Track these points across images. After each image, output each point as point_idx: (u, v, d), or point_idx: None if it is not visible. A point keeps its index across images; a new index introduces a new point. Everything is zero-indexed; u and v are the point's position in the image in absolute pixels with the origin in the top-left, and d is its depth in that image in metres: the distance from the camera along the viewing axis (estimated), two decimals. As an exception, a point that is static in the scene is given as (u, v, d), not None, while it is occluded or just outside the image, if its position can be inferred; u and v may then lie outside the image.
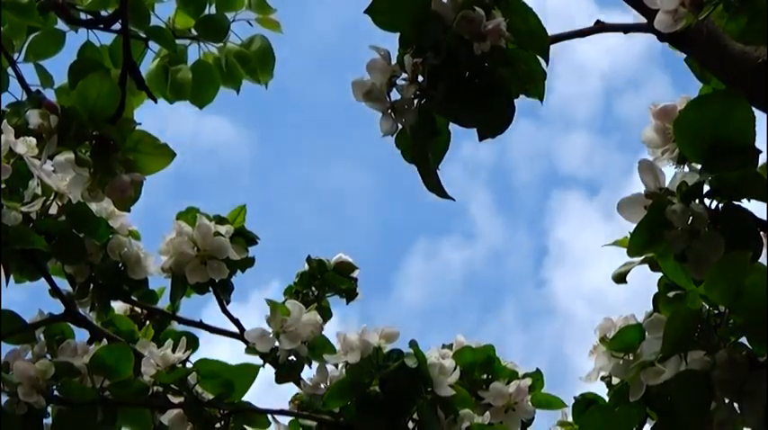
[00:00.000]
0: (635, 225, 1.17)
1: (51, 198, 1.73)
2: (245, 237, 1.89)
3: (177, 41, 2.45)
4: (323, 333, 1.79)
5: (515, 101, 1.21)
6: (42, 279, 1.80)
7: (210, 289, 1.88)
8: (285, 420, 1.74)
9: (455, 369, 1.60)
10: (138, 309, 2.00)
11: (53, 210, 1.74)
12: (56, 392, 1.63)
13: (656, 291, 1.36)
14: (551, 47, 1.20)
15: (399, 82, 1.20)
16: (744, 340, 1.15)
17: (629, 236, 1.18)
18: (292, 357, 1.77)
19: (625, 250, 1.20)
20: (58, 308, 1.83)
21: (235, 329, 1.90)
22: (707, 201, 1.16)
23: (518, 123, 1.18)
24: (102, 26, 2.36)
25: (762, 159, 1.18)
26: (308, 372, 1.76)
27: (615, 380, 1.42)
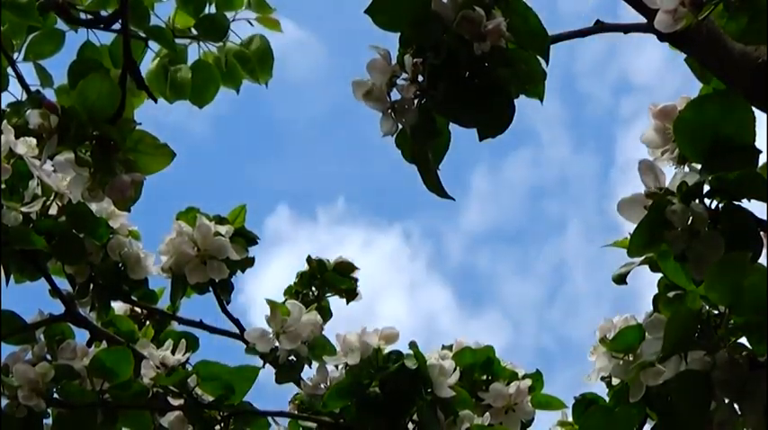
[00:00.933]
0: (635, 225, 1.17)
1: (51, 198, 1.73)
2: (245, 237, 1.89)
3: (177, 41, 2.45)
4: (323, 333, 1.79)
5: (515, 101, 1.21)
6: (42, 279, 1.80)
7: (210, 289, 1.88)
8: (285, 421, 1.74)
9: (455, 370, 1.59)
10: (138, 309, 2.00)
11: (53, 211, 1.74)
12: (56, 395, 1.63)
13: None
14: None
15: (399, 82, 1.20)
16: (744, 340, 1.15)
17: (629, 236, 1.18)
18: (292, 357, 1.77)
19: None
20: (58, 308, 1.84)
21: (235, 329, 1.91)
22: (707, 201, 1.16)
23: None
24: (101, 26, 2.35)
25: (762, 159, 1.18)
26: (308, 372, 1.76)
27: (615, 381, 1.42)
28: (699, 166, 1.18)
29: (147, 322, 2.00)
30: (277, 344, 1.76)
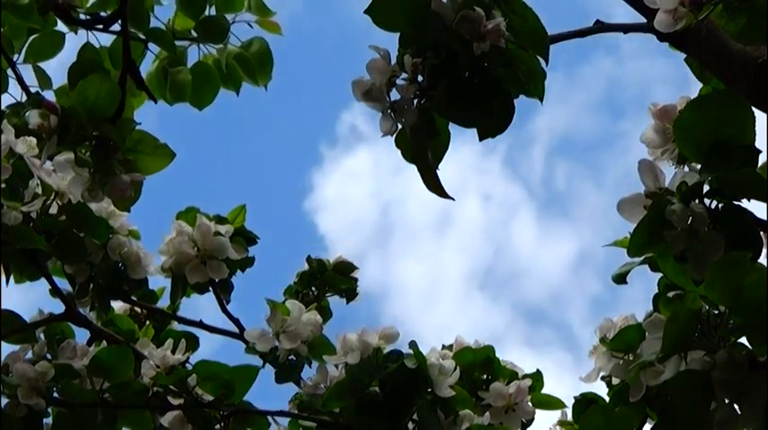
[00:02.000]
0: (635, 225, 1.17)
1: (51, 198, 1.73)
2: (244, 237, 1.89)
3: (177, 43, 2.44)
4: (323, 333, 1.79)
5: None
6: (42, 279, 1.80)
7: (210, 289, 1.88)
8: (285, 421, 1.74)
9: (455, 369, 1.59)
10: (138, 309, 2.00)
11: (53, 210, 1.74)
12: (56, 394, 1.63)
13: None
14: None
15: (399, 82, 1.20)
16: (744, 340, 1.15)
17: (629, 236, 1.18)
18: (292, 357, 1.77)
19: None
20: (58, 308, 1.84)
21: (235, 329, 1.91)
22: (707, 201, 1.16)
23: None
24: (101, 27, 2.35)
25: (762, 159, 1.18)
26: (308, 372, 1.76)
27: (615, 381, 1.42)
28: (699, 166, 1.18)
29: (147, 322, 2.00)
30: (277, 343, 1.76)
